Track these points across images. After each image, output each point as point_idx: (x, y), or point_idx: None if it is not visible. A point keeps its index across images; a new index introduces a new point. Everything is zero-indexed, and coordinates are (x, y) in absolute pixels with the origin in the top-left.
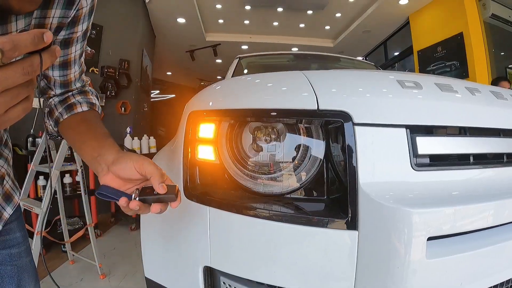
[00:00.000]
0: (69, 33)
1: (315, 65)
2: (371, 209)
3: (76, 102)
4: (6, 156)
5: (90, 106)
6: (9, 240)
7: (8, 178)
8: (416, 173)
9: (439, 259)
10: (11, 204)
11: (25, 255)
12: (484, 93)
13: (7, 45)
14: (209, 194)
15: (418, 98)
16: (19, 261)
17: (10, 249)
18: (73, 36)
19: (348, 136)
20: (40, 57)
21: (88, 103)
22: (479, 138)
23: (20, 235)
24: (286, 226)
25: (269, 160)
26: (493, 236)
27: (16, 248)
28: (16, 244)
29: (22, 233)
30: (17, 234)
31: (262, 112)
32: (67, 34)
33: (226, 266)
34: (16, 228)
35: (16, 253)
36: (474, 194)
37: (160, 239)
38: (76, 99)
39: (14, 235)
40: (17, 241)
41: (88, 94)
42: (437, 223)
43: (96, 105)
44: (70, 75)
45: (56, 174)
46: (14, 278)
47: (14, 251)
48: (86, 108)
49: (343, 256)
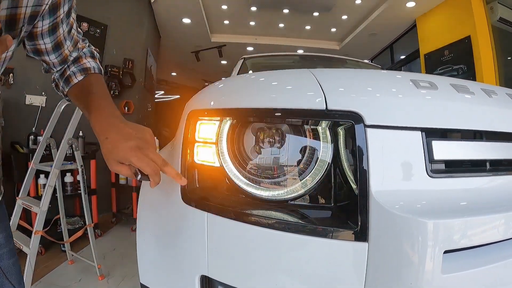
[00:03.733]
0: (53, 20)
1: (321, 66)
2: (382, 219)
3: (71, 73)
4: None
5: (84, 73)
6: None
7: None
8: (432, 180)
9: (455, 274)
10: None
11: (7, 257)
12: (501, 96)
13: None
14: (208, 199)
15: (434, 100)
16: (0, 264)
17: None
18: (57, 20)
19: (359, 139)
20: None
21: (82, 71)
22: (496, 142)
23: (2, 237)
24: (290, 236)
25: (272, 163)
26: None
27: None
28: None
29: (4, 234)
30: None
31: (265, 112)
32: (51, 21)
33: (224, 276)
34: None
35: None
36: (490, 203)
37: (156, 244)
38: (71, 70)
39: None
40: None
41: (82, 59)
42: (455, 235)
43: (91, 67)
44: (65, 51)
45: (56, 173)
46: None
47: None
48: (80, 77)
49: (350, 270)
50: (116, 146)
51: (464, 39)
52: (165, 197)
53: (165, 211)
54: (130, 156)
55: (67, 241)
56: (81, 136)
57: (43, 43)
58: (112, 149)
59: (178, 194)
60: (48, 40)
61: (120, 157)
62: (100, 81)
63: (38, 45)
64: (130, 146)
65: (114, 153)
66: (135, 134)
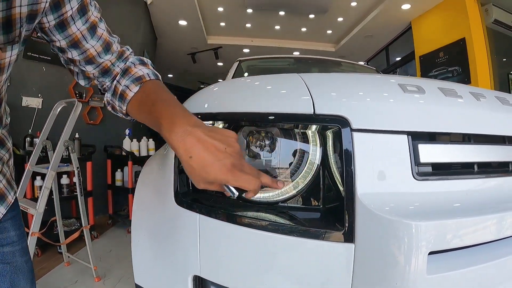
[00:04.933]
0: (57, 16)
1: (315, 69)
2: (368, 220)
3: (124, 88)
4: (1, 157)
5: (139, 82)
6: (1, 239)
7: (2, 177)
8: (418, 183)
9: (440, 274)
10: (4, 203)
11: (20, 254)
12: (489, 99)
13: None
14: (199, 201)
15: (421, 103)
16: (13, 260)
17: (3, 247)
18: (65, 16)
19: (345, 142)
20: None
21: (135, 81)
22: (483, 145)
23: (14, 234)
24: (280, 237)
25: (263, 166)
26: (496, 250)
27: (10, 247)
28: (9, 243)
29: (17, 232)
30: (11, 233)
31: (255, 116)
32: (56, 18)
33: (215, 276)
34: (10, 227)
35: (9, 252)
36: (478, 205)
37: (150, 245)
38: (122, 84)
39: (7, 234)
40: (11, 240)
41: (131, 69)
42: (440, 237)
43: (144, 74)
44: (89, 50)
45: (52, 175)
46: (6, 276)
47: (6, 249)
48: (136, 88)
49: (338, 270)
50: (205, 166)
51: (459, 41)
52: (158, 199)
53: (159, 212)
54: (225, 178)
55: (64, 242)
56: (77, 138)
57: (56, 39)
58: (200, 170)
59: (171, 196)
60: (60, 37)
61: (212, 178)
62: (161, 87)
63: (54, 42)
64: (223, 166)
65: (203, 175)
66: (225, 149)
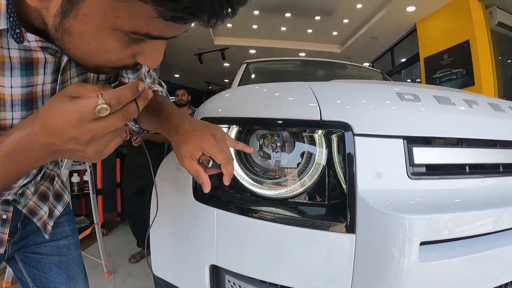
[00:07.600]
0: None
1: (321, 71)
2: (368, 214)
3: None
4: (56, 160)
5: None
6: (57, 234)
7: (58, 179)
8: (412, 182)
9: (431, 262)
10: (61, 202)
11: (74, 248)
12: (482, 105)
13: (113, 100)
14: (217, 197)
15: (415, 111)
16: (67, 253)
17: (58, 241)
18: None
19: (348, 145)
20: (136, 104)
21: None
22: (475, 148)
23: (68, 229)
24: (290, 228)
25: (274, 165)
26: (485, 243)
27: (65, 241)
28: (64, 237)
29: (71, 227)
30: (66, 228)
31: (268, 121)
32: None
33: (231, 265)
34: (65, 222)
35: (64, 245)
36: (467, 202)
37: (169, 238)
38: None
39: (62, 229)
40: (65, 234)
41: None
42: (429, 229)
43: (158, 90)
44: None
45: (66, 173)
46: (62, 268)
47: (62, 243)
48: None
49: (341, 257)
50: (188, 137)
51: (463, 43)
52: (178, 196)
53: (178, 208)
54: (202, 142)
55: None
56: None
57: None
58: (185, 141)
59: (190, 192)
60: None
61: (191, 147)
62: (166, 100)
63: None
64: (202, 133)
65: (185, 146)
66: (207, 125)
